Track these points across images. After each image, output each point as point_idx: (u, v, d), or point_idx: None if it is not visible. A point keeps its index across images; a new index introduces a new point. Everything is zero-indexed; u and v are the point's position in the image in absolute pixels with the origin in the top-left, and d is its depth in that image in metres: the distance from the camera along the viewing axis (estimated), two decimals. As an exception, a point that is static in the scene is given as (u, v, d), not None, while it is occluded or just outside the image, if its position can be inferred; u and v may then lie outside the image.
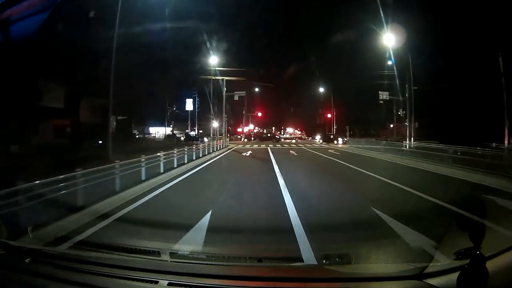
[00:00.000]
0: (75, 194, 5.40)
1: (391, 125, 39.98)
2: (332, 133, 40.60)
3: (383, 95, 29.44)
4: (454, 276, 1.35)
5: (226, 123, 34.91)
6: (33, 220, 3.99)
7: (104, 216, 5.03)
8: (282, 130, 74.02)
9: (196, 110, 46.03)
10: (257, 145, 31.45)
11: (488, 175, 8.26)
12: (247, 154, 20.12)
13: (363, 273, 1.81)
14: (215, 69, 27.73)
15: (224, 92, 29.38)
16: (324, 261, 2.72)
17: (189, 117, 46.49)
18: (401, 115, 32.29)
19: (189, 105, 45.30)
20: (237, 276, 1.66)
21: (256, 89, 53.04)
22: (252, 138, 47.19)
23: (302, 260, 2.77)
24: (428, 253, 1.70)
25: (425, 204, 5.84)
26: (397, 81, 26.32)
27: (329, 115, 49.29)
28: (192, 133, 44.83)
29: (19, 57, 15.85)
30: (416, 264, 1.59)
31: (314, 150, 23.57)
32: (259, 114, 59.82)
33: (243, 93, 32.95)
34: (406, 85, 25.37)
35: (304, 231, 4.11)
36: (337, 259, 2.70)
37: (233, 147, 27.29)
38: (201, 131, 47.32)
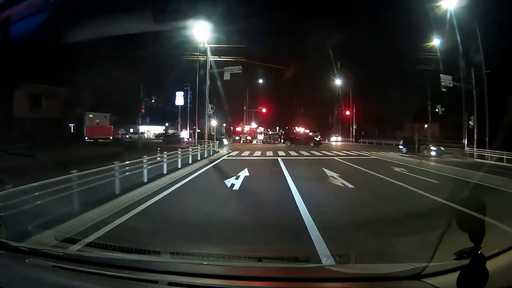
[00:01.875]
0: None
1: (425, 125, 31.14)
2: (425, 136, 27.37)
3: (446, 81, 20.74)
4: (454, 276, 1.34)
5: (212, 117, 26.66)
6: None
7: None
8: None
9: (188, 105, 37.79)
10: (259, 152, 21.24)
11: None
12: (236, 187, 8.17)
13: (363, 273, 1.80)
14: (204, 45, 20.90)
15: (209, 63, 20.77)
16: (324, 261, 2.73)
17: (179, 114, 38.12)
18: (440, 112, 26.93)
19: (179, 99, 36.32)
20: (237, 276, 1.66)
21: (260, 81, 43.72)
22: (282, 141, 35.90)
23: (302, 260, 2.77)
24: (428, 253, 1.69)
25: None
26: (459, 62, 19.53)
27: (347, 112, 41.05)
28: (185, 133, 39.06)
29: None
30: (416, 264, 1.59)
31: (388, 176, 10.29)
32: (263, 110, 47.63)
33: (237, 68, 22.17)
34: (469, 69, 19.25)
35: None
36: (337, 258, 2.70)
37: (219, 158, 16.94)
38: (198, 130, 45.26)
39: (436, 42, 22.38)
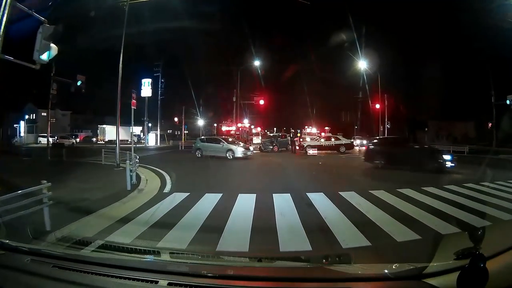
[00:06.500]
0: None
1: (489, 124, 22.46)
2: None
3: None
4: (454, 276, 1.34)
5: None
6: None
7: None
8: (300, 131, 42.84)
9: (160, 97, 31.73)
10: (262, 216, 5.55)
11: None
12: None
13: (363, 273, 1.80)
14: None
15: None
16: (324, 261, 2.73)
17: (145, 108, 26.86)
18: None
19: (146, 89, 23.28)
20: (237, 276, 1.66)
21: (257, 63, 30.60)
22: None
23: (302, 260, 2.77)
24: (428, 253, 1.69)
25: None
26: None
27: (377, 106, 29.74)
28: (152, 136, 32.85)
29: None
30: (416, 264, 1.59)
31: None
32: (261, 101, 32.86)
33: None
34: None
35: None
36: (337, 259, 2.70)
37: None
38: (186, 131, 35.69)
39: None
